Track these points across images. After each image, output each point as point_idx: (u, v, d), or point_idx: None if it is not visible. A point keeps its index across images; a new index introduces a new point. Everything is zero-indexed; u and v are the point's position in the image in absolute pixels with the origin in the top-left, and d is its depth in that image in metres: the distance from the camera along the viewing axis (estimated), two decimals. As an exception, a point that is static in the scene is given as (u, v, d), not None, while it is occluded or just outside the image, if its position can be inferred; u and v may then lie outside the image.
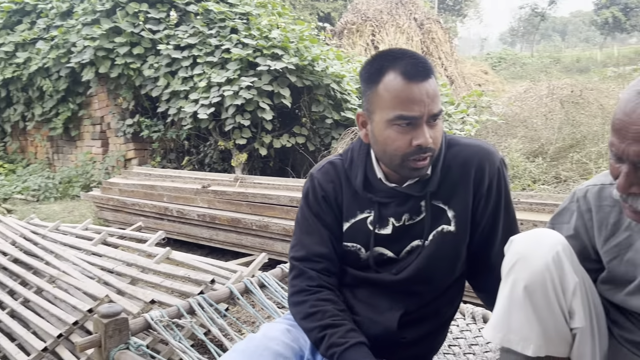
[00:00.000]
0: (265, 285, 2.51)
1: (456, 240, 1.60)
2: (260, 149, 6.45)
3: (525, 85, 11.12)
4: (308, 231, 1.67)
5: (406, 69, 1.43)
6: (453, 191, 1.59)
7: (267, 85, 6.16)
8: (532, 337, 1.34)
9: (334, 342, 1.49)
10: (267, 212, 4.21)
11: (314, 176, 1.69)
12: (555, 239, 1.33)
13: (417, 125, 1.44)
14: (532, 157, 6.24)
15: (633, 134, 1.08)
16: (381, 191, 1.61)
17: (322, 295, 1.60)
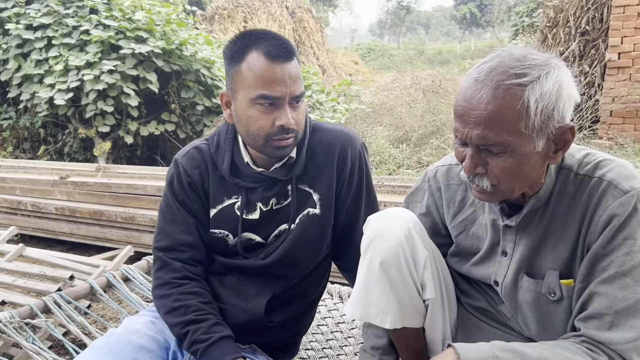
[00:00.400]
0: (129, 278, 2.39)
1: (321, 223, 1.64)
2: (126, 136, 6.13)
3: (392, 76, 11.65)
4: (172, 219, 1.61)
5: (269, 49, 1.44)
6: (318, 175, 1.62)
7: (132, 70, 5.85)
8: (389, 310, 1.40)
9: (197, 339, 1.47)
10: (133, 203, 4.02)
11: (179, 162, 1.63)
12: (407, 217, 1.41)
13: (280, 105, 1.45)
14: (397, 144, 6.55)
15: (474, 118, 1.14)
16: (248, 176, 1.60)
17: (186, 288, 1.55)
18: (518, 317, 1.42)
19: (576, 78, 1.18)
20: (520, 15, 16.70)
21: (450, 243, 1.55)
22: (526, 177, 1.20)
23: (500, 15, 41.90)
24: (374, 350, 1.59)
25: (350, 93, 8.11)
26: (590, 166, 1.25)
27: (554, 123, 1.14)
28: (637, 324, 1.16)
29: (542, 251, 1.31)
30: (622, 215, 1.17)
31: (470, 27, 49.69)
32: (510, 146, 1.14)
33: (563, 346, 1.19)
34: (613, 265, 1.18)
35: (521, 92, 1.11)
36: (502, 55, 1.16)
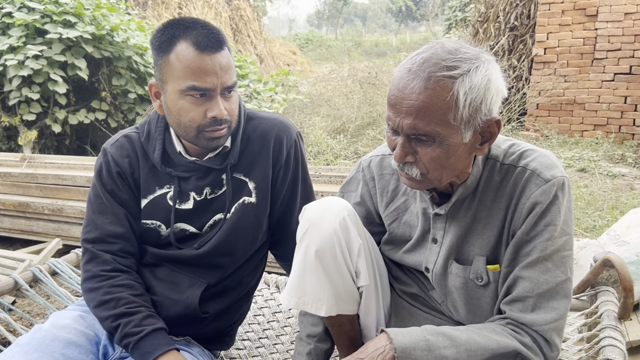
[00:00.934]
0: (58, 272, 2.29)
1: (257, 211, 1.63)
2: (53, 125, 5.86)
3: (329, 67, 11.71)
4: (101, 210, 1.56)
5: (198, 39, 1.41)
6: (253, 163, 1.61)
7: (59, 55, 5.58)
8: (324, 297, 1.42)
9: (128, 332, 1.43)
10: (62, 194, 3.85)
11: (108, 151, 1.59)
12: (342, 206, 1.43)
13: (211, 97, 1.43)
14: (334, 134, 6.60)
15: (406, 108, 1.17)
16: (181, 165, 1.57)
17: (116, 280, 1.51)
18: (448, 301, 1.47)
19: (505, 72, 1.24)
20: (454, 9, 17.11)
21: (383, 231, 1.59)
22: (453, 167, 1.25)
23: (434, 9, 42.87)
24: (310, 338, 1.60)
25: (288, 83, 8.09)
26: (515, 156, 1.32)
27: (481, 116, 1.18)
28: (557, 306, 1.24)
29: (470, 238, 1.37)
30: (544, 203, 1.24)
31: (406, 20, 50.56)
32: (439, 136, 1.18)
33: (490, 328, 1.25)
34: (536, 250, 1.25)
35: (451, 84, 1.14)
36: (436, 47, 1.19)
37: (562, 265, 1.25)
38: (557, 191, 1.24)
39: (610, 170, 5.78)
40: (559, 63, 7.62)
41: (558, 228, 1.24)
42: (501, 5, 8.47)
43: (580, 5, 7.37)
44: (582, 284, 1.90)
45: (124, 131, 1.65)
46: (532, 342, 1.22)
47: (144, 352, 1.41)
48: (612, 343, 1.51)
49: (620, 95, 7.28)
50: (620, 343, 1.52)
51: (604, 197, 4.83)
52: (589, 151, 6.64)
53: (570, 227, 1.28)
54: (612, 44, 7.23)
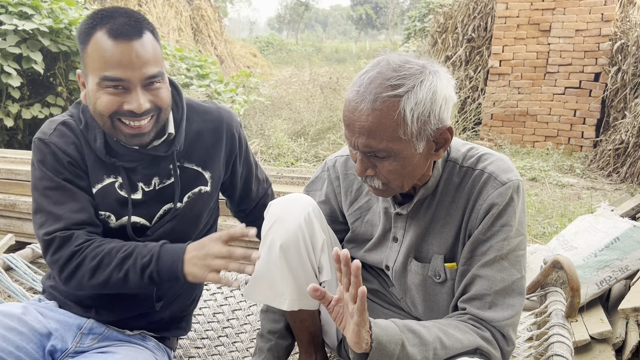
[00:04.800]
0: (12, 268, 2.23)
1: (210, 198, 1.66)
2: (6, 119, 5.66)
3: (290, 71, 11.71)
4: (59, 201, 1.46)
5: (113, 27, 1.34)
6: (208, 155, 1.62)
7: (14, 48, 5.40)
8: (286, 292, 1.46)
9: (142, 265, 1.39)
10: (14, 190, 3.73)
11: (48, 141, 1.46)
12: (306, 202, 1.48)
13: (129, 89, 1.37)
14: (295, 137, 6.63)
15: (358, 129, 1.23)
16: (125, 154, 1.50)
17: (96, 242, 1.43)
18: (407, 298, 1.52)
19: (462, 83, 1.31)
20: (413, 19, 17.42)
21: (346, 230, 1.63)
22: (412, 174, 1.30)
23: (394, 18, 43.51)
24: (271, 334, 1.63)
25: (249, 85, 8.08)
26: (474, 159, 1.38)
27: (431, 126, 1.24)
28: (513, 302, 1.31)
29: (429, 237, 1.42)
30: (500, 204, 1.30)
31: (366, 28, 51.11)
32: (393, 151, 1.23)
33: (453, 325, 1.29)
34: (492, 249, 1.31)
35: (397, 103, 1.19)
36: (381, 64, 1.24)
37: (517, 263, 1.32)
38: (513, 194, 1.31)
39: (560, 180, 6.01)
40: (513, 75, 7.88)
41: (513, 229, 1.31)
42: (459, 17, 8.70)
43: (534, 20, 7.65)
44: (533, 285, 1.99)
45: (56, 119, 1.52)
46: (491, 337, 1.29)
47: (169, 267, 1.39)
48: (559, 340, 1.60)
49: (570, 109, 7.59)
50: (568, 340, 1.61)
51: (554, 205, 5.03)
52: (539, 161, 6.89)
53: (524, 228, 1.35)
54: (563, 58, 7.53)
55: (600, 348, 2.39)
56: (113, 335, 1.61)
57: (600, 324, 2.45)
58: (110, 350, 1.53)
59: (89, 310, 1.59)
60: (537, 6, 7.60)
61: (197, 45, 12.38)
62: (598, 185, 5.94)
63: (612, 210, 2.97)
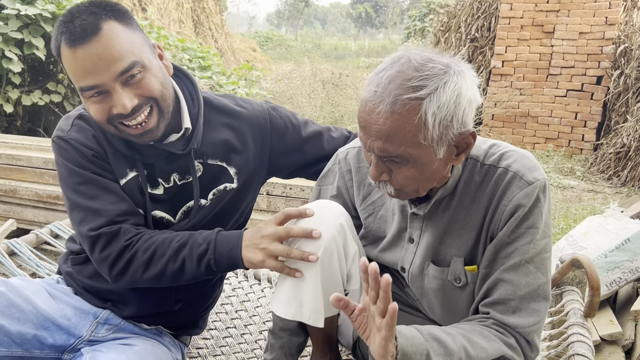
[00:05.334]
0: (16, 253, 2.19)
1: (238, 196, 1.58)
2: (5, 105, 5.60)
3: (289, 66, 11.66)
4: (93, 195, 1.39)
5: (69, 36, 1.24)
6: (231, 148, 1.54)
7: (16, 33, 5.33)
8: (320, 309, 1.38)
9: (199, 254, 1.35)
10: (15, 175, 3.69)
11: (69, 139, 1.40)
12: (337, 211, 1.40)
13: (109, 92, 1.28)
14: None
15: (375, 132, 1.15)
16: (143, 149, 1.44)
17: (147, 234, 1.38)
18: (424, 302, 1.47)
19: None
20: (413, 19, 17.41)
21: (359, 225, 1.56)
22: (430, 179, 1.23)
23: (393, 17, 43.51)
24: (283, 331, 1.57)
25: (251, 78, 8.03)
26: (496, 157, 1.30)
27: (453, 131, 1.16)
28: (538, 307, 1.25)
29: (448, 238, 1.35)
30: (526, 205, 1.23)
31: (365, 27, 51.08)
32: (411, 157, 1.16)
33: (477, 331, 1.23)
34: (517, 253, 1.24)
35: (419, 107, 1.11)
36: (402, 62, 1.14)
37: (542, 267, 1.26)
38: (540, 194, 1.24)
39: (560, 182, 6.00)
40: (516, 76, 7.87)
41: (540, 230, 1.24)
42: (463, 17, 8.68)
43: (538, 22, 7.64)
44: (548, 283, 1.96)
45: (72, 114, 1.46)
46: (515, 343, 1.23)
47: (228, 254, 1.35)
48: (580, 339, 1.58)
49: (572, 111, 7.59)
50: (588, 339, 1.58)
51: (555, 206, 5.01)
52: (540, 163, 6.88)
53: (550, 229, 1.28)
54: (566, 61, 7.52)
55: (610, 349, 2.37)
56: (129, 328, 1.58)
57: (610, 325, 2.43)
58: (129, 342, 1.51)
59: (106, 303, 1.56)
60: (542, 8, 7.58)
61: (197, 38, 12.31)
62: (598, 188, 5.94)
63: (622, 211, 2.95)
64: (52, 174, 3.58)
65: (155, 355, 1.50)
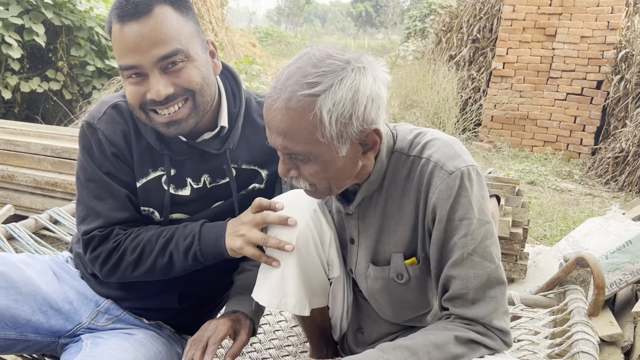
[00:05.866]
0: (15, 237, 2.16)
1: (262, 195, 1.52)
2: (4, 91, 5.56)
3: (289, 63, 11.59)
4: (99, 196, 1.37)
5: (119, 11, 1.22)
6: (267, 153, 1.48)
7: (16, 18, 5.30)
8: (304, 297, 1.37)
9: (185, 247, 1.33)
10: (13, 161, 3.65)
11: (96, 127, 1.36)
12: (310, 198, 1.36)
13: (146, 76, 1.25)
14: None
15: (275, 128, 1.13)
16: (175, 145, 1.39)
17: (133, 233, 1.37)
18: (372, 302, 1.45)
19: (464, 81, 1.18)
20: (414, 19, 17.39)
21: None
22: (339, 177, 1.21)
23: (394, 17, 43.54)
24: None
25: (252, 72, 8.00)
26: (420, 147, 1.26)
27: (353, 128, 1.13)
28: (494, 294, 1.21)
29: (385, 236, 1.32)
30: (451, 197, 1.18)
31: (365, 26, 51.09)
32: (312, 154, 1.14)
33: (441, 327, 1.21)
34: (457, 247, 1.20)
35: (313, 104, 1.09)
36: (303, 58, 1.13)
37: (487, 254, 1.21)
38: (464, 182, 1.18)
39: (558, 185, 6.01)
40: (516, 78, 7.88)
41: (474, 220, 1.19)
42: (465, 17, 8.67)
43: (540, 25, 7.64)
44: (552, 281, 1.95)
45: (108, 99, 1.41)
46: (484, 329, 1.21)
47: (212, 244, 1.33)
48: (585, 337, 1.56)
49: (571, 115, 7.61)
50: (592, 337, 1.57)
51: (554, 209, 5.02)
52: (538, 165, 6.90)
53: (487, 214, 1.22)
54: (567, 64, 7.54)
55: (610, 350, 2.37)
56: (129, 320, 1.55)
57: (609, 327, 2.43)
58: (129, 332, 1.49)
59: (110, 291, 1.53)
60: (544, 10, 7.59)
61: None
62: (596, 192, 5.95)
63: (624, 213, 2.96)
64: (50, 161, 3.55)
65: (155, 345, 1.48)
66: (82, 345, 1.40)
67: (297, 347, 1.91)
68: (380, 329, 1.52)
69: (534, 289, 2.67)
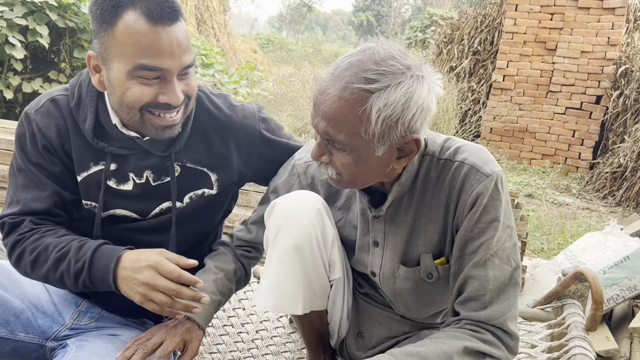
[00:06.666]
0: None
1: (215, 201, 1.53)
2: (5, 91, 5.56)
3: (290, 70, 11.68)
4: (25, 185, 1.35)
5: (149, 9, 1.18)
6: (215, 155, 1.47)
7: (21, 19, 5.31)
8: (299, 295, 1.38)
9: (75, 272, 1.27)
10: (14, 162, 3.63)
11: (32, 118, 1.34)
12: (314, 198, 1.39)
13: (167, 80, 1.23)
14: (297, 133, 6.60)
15: (322, 112, 1.15)
16: (117, 140, 1.36)
17: (37, 234, 1.33)
18: (397, 302, 1.47)
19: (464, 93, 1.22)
20: (415, 29, 17.46)
21: None
22: (367, 175, 1.23)
23: (395, 27, 43.71)
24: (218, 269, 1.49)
25: (253, 78, 8.03)
26: (451, 150, 1.30)
27: (396, 133, 1.15)
28: (508, 296, 1.25)
29: (414, 237, 1.35)
30: (485, 198, 1.23)
31: (366, 35, 51.27)
32: (349, 145, 1.16)
33: (451, 335, 1.23)
34: (482, 248, 1.24)
35: (366, 99, 1.11)
36: (367, 52, 1.15)
37: (507, 258, 1.26)
38: (497, 185, 1.24)
39: (556, 199, 6.03)
40: (516, 91, 7.92)
41: (501, 223, 1.24)
42: (466, 29, 8.72)
43: (541, 39, 7.70)
44: (550, 295, 1.96)
45: (51, 92, 1.38)
46: (492, 337, 1.22)
47: (101, 279, 1.26)
48: (582, 352, 1.57)
49: (570, 129, 7.64)
50: (590, 352, 1.58)
51: (551, 222, 5.03)
52: (536, 178, 6.92)
53: (510, 219, 1.28)
54: (566, 78, 7.58)
55: (606, 365, 2.37)
56: (112, 317, 1.53)
57: (606, 342, 2.44)
58: (114, 332, 1.47)
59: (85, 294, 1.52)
60: (545, 25, 7.64)
61: (199, 36, 12.31)
62: (593, 207, 5.98)
63: (622, 229, 2.97)
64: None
65: None
66: (68, 350, 1.39)
67: (294, 354, 1.91)
68: (380, 333, 1.54)
69: (531, 302, 2.68)
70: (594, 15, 7.37)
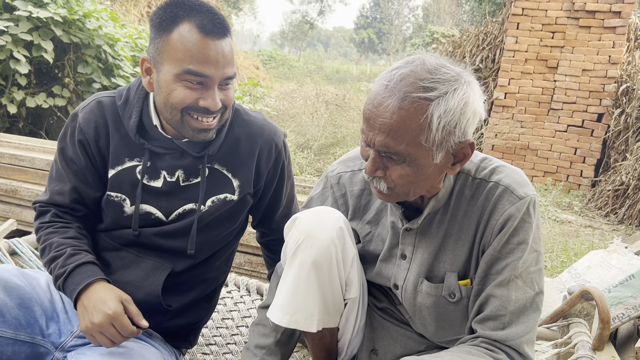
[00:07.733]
0: (17, 253, 2.16)
1: (236, 208, 1.60)
2: (9, 105, 5.58)
3: (292, 86, 11.73)
4: (55, 176, 1.55)
5: (203, 23, 1.34)
6: (240, 162, 1.57)
7: (26, 35, 5.35)
8: (315, 312, 1.37)
9: (57, 275, 1.41)
10: (17, 176, 3.66)
11: (78, 115, 1.51)
12: (337, 216, 1.39)
13: (209, 86, 1.38)
14: (299, 150, 6.60)
15: (379, 125, 1.16)
16: (156, 139, 1.50)
17: (53, 227, 1.50)
18: (416, 319, 1.45)
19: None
20: (416, 47, 17.57)
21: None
22: (422, 185, 1.24)
23: (396, 45, 43.99)
24: (258, 349, 1.52)
25: (256, 94, 8.07)
26: (487, 171, 1.31)
27: (454, 138, 1.17)
28: (527, 320, 1.25)
29: (442, 254, 1.35)
30: (516, 220, 1.24)
31: (367, 52, 51.60)
32: (410, 156, 1.17)
33: (466, 351, 1.23)
34: (507, 268, 1.25)
35: (426, 107, 1.12)
36: (416, 63, 1.17)
37: (531, 281, 1.27)
38: (530, 209, 1.25)
39: (558, 216, 6.01)
40: (517, 109, 7.94)
41: (529, 246, 1.25)
42: (468, 47, 8.78)
43: (542, 57, 7.73)
44: (555, 314, 1.94)
45: (99, 95, 1.56)
46: (507, 358, 1.22)
47: (70, 289, 1.38)
48: (590, 371, 1.55)
49: (571, 147, 7.65)
50: (597, 372, 1.56)
51: (554, 240, 5.01)
52: (538, 196, 6.90)
53: (539, 244, 1.29)
54: (568, 96, 7.60)
55: (612, 385, 2.34)
56: None
57: (612, 361, 2.41)
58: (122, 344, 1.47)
59: None
60: (547, 43, 7.68)
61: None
62: (596, 225, 5.95)
63: (626, 247, 2.95)
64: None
65: (142, 356, 1.46)
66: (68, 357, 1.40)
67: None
68: (395, 350, 1.52)
69: (535, 321, 2.66)
70: (595, 34, 7.41)
